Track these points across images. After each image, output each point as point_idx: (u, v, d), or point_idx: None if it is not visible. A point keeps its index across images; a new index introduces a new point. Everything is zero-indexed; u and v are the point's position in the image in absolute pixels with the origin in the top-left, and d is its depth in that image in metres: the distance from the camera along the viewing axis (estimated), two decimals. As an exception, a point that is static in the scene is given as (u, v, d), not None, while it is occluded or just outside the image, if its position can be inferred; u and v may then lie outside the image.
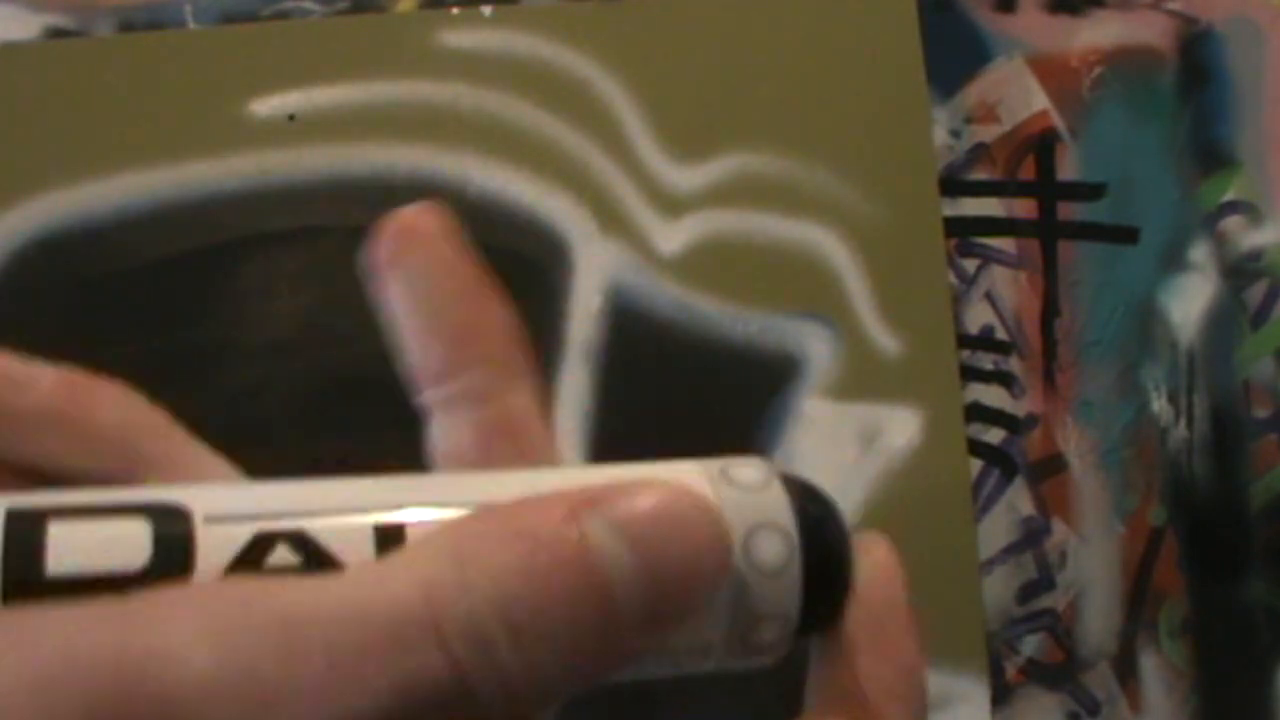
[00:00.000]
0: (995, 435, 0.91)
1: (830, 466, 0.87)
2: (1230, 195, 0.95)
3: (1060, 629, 0.91)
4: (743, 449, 0.21)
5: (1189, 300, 0.94)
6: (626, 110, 0.88)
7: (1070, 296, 0.93)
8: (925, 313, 0.90)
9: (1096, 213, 0.93)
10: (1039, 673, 0.90)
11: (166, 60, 0.85)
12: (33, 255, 0.82)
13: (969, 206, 0.92)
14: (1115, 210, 0.94)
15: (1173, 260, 0.94)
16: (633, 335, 0.87)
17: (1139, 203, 0.94)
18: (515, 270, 0.86)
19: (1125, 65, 0.95)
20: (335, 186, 0.85)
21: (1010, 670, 0.90)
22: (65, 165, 0.82)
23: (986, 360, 0.92)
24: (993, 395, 0.91)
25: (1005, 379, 0.92)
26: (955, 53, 0.93)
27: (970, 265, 0.92)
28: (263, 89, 0.85)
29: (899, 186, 0.90)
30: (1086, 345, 0.93)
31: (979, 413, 0.91)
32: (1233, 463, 0.94)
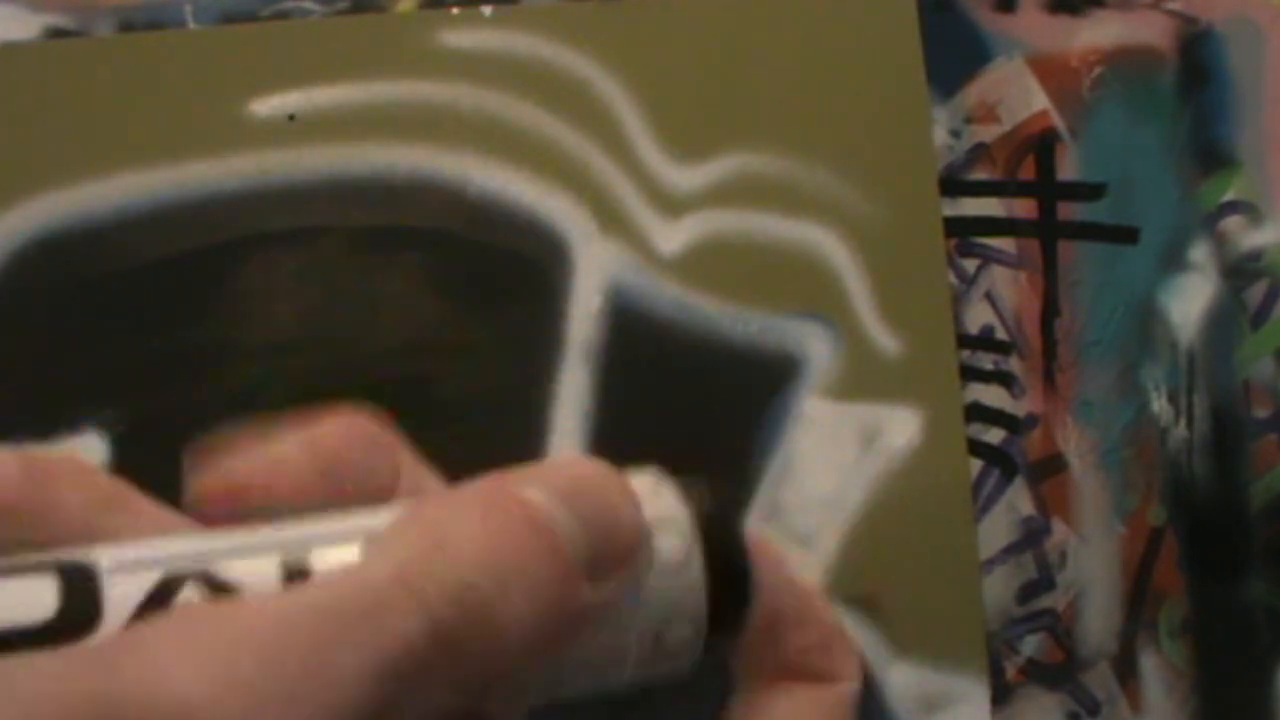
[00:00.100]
0: (995, 435, 0.91)
1: (830, 466, 0.87)
2: (1230, 195, 0.95)
3: (1060, 629, 0.91)
4: (743, 449, 0.22)
5: (1189, 300, 0.94)
6: (626, 110, 0.88)
7: (1070, 296, 0.93)
8: (925, 313, 0.90)
9: (1096, 213, 0.93)
10: (1039, 673, 0.90)
11: (166, 60, 0.85)
12: (32, 255, 0.82)
13: (969, 206, 0.92)
14: (1115, 210, 0.93)
15: (1173, 260, 0.94)
16: (633, 335, 0.87)
17: (1139, 203, 0.94)
18: (515, 270, 0.87)
19: (1125, 65, 0.95)
20: (335, 186, 0.85)
21: (1010, 670, 0.90)
22: (65, 165, 0.82)
23: (986, 360, 0.92)
24: (993, 395, 0.91)
25: (1005, 379, 0.92)
26: (955, 53, 0.93)
27: (970, 265, 0.92)
28: (263, 89, 0.85)
29: (899, 186, 0.90)
30: (1086, 345, 0.93)
31: (979, 413, 0.91)
32: (1233, 463, 0.94)
